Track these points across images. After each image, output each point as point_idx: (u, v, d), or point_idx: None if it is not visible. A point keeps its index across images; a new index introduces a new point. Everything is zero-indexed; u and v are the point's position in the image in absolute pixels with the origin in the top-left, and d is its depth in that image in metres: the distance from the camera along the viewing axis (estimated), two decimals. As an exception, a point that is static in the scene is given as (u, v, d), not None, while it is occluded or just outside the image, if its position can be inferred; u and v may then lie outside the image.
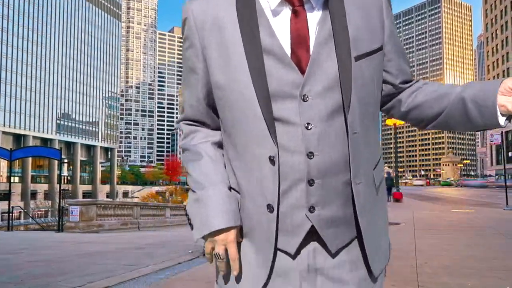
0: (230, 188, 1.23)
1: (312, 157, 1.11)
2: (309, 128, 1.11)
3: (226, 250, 1.19)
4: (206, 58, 1.20)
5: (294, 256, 1.17)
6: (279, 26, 1.15)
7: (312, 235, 1.16)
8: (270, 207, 1.14)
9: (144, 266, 6.41)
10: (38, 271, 6.25)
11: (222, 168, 1.25)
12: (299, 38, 1.14)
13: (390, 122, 30.12)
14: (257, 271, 1.19)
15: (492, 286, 4.67)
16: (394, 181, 28.58)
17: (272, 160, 1.12)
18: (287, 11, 1.16)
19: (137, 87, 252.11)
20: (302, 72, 1.12)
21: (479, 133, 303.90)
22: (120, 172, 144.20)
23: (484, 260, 6.19)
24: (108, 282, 5.33)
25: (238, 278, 1.21)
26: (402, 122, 22.21)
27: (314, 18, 1.16)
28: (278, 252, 1.17)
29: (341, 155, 1.13)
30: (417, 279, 4.99)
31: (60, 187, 18.64)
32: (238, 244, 1.21)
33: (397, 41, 1.31)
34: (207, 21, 1.20)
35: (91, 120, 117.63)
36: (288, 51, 1.13)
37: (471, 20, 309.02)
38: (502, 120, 1.20)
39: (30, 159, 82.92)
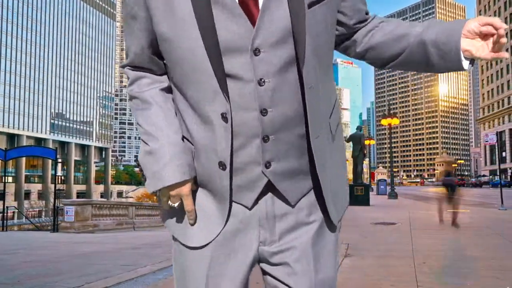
0: (183, 138, 1.19)
1: (265, 113, 1.07)
2: (261, 84, 1.05)
3: (181, 200, 1.17)
4: (149, 8, 1.12)
5: (251, 208, 1.15)
6: None
7: (269, 187, 1.14)
8: (222, 165, 1.11)
9: (141, 266, 6.37)
10: (35, 272, 6.20)
11: (173, 116, 1.20)
12: None
13: (385, 122, 30.17)
14: (213, 219, 1.17)
15: (491, 286, 4.68)
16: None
17: (224, 117, 1.08)
18: None
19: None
20: (253, 23, 1.05)
21: (473, 133, 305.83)
22: (114, 172, 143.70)
23: (481, 260, 6.21)
24: (105, 283, 5.29)
25: (194, 225, 1.20)
26: (397, 122, 22.13)
27: None
28: (234, 203, 1.16)
29: (295, 110, 1.10)
30: (416, 279, 4.99)
31: (55, 187, 18.55)
32: (193, 192, 1.19)
33: None
34: None
35: (85, 120, 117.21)
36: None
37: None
38: (466, 64, 1.16)
39: (24, 158, 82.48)
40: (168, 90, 1.24)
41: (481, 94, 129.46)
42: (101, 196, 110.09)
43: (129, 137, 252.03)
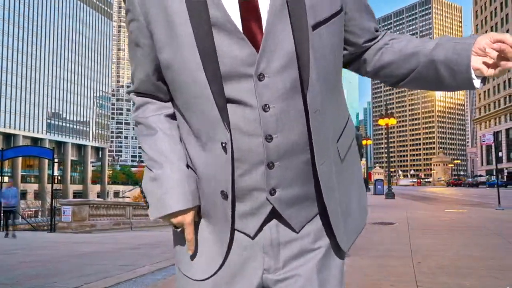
0: (188, 166, 1.16)
1: (270, 140, 1.04)
2: (266, 110, 1.02)
3: (182, 229, 1.15)
4: (152, 34, 1.10)
5: (254, 236, 1.13)
6: None
7: (274, 214, 1.12)
8: (223, 194, 1.09)
9: (140, 266, 6.38)
10: (34, 272, 6.19)
11: (178, 144, 1.18)
12: (249, 8, 1.03)
13: (382, 122, 30.23)
14: (215, 249, 1.15)
15: (491, 286, 4.70)
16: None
17: (224, 147, 1.05)
18: None
19: (128, 87, 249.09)
20: (256, 47, 1.02)
21: (469, 133, 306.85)
22: (111, 172, 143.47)
23: (480, 259, 6.22)
24: (105, 283, 5.29)
25: (193, 255, 1.17)
26: (394, 122, 22.23)
27: None
28: (237, 232, 1.14)
29: (301, 135, 1.07)
30: (415, 279, 5.00)
31: (52, 187, 18.53)
32: (196, 223, 1.17)
33: None
34: None
35: (82, 120, 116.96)
36: (238, 24, 1.02)
37: (461, 21, 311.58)
38: (477, 82, 1.14)
39: (20, 158, 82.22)
40: (173, 116, 1.22)
41: (478, 94, 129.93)
42: (98, 196, 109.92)
43: (125, 137, 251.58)
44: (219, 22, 1.02)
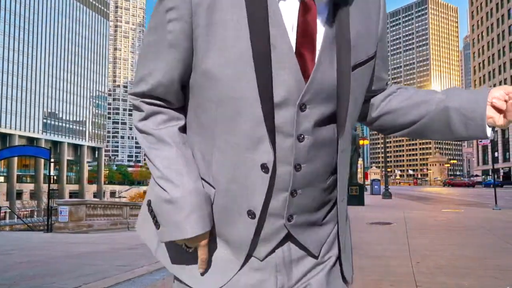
0: (203, 181, 1.12)
1: (299, 169, 1.05)
2: (301, 140, 1.03)
3: (195, 249, 1.11)
4: (196, 39, 1.02)
5: (263, 259, 1.12)
6: (286, 18, 1.00)
7: (287, 237, 1.12)
8: (251, 213, 1.06)
9: (138, 266, 6.34)
10: (31, 272, 6.15)
11: (193, 161, 1.12)
12: (306, 36, 1.00)
13: (379, 122, 30.28)
14: (227, 264, 1.12)
15: (489, 286, 4.70)
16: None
17: (265, 168, 1.03)
18: (294, 1, 1.01)
19: (125, 86, 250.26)
20: (304, 76, 1.00)
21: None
22: (107, 172, 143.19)
23: (478, 259, 6.24)
24: (103, 283, 5.27)
25: (205, 270, 1.13)
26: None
27: (322, 15, 1.03)
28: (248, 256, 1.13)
29: (326, 168, 1.10)
30: (415, 279, 5.01)
31: (49, 187, 18.43)
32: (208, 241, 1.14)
33: (384, 47, 1.22)
34: (209, 4, 1.00)
35: (78, 120, 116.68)
36: (294, 48, 1.00)
37: (457, 22, 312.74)
38: (489, 131, 1.15)
39: (15, 158, 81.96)
40: (184, 129, 1.16)
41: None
42: (94, 196, 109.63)
43: (122, 137, 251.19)
44: (276, 42, 0.99)
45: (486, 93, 1.14)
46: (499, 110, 1.14)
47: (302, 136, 1.03)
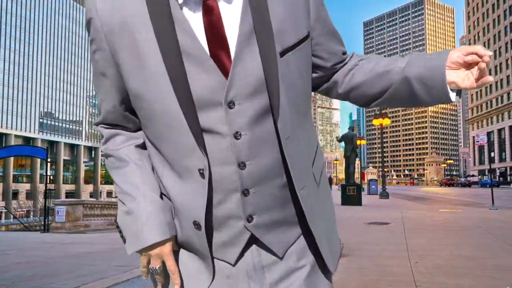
0: (162, 195, 1.15)
1: (244, 167, 1.03)
2: (238, 137, 1.02)
3: (163, 262, 1.13)
4: (118, 64, 1.07)
5: (235, 263, 1.12)
6: (192, 23, 1.02)
7: (254, 239, 1.11)
8: (196, 224, 1.07)
9: (136, 267, 6.32)
10: (30, 273, 6.13)
11: (151, 174, 1.16)
12: (216, 36, 1.02)
13: (376, 122, 30.34)
14: (199, 277, 1.13)
15: (488, 286, 4.72)
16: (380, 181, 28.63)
17: (201, 174, 1.04)
18: (198, 6, 1.03)
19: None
20: (225, 75, 1.01)
21: (462, 133, 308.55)
22: (104, 172, 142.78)
23: (476, 259, 6.26)
24: (102, 284, 5.26)
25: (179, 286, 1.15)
26: (388, 122, 22.25)
27: (233, 12, 1.03)
28: (217, 260, 1.13)
29: (275, 161, 1.06)
30: (413, 279, 5.02)
31: (46, 186, 18.38)
32: (175, 253, 1.15)
33: (326, 24, 1.20)
34: (115, 22, 1.05)
35: (74, 119, 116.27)
36: (207, 51, 1.02)
37: (453, 22, 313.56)
38: (453, 96, 1.14)
39: (12, 158, 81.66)
40: (143, 146, 1.20)
41: (470, 95, 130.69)
42: (91, 196, 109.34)
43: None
44: (188, 49, 1.01)
45: (445, 57, 1.13)
46: (465, 68, 1.12)
47: (239, 133, 1.02)
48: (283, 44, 1.04)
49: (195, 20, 1.02)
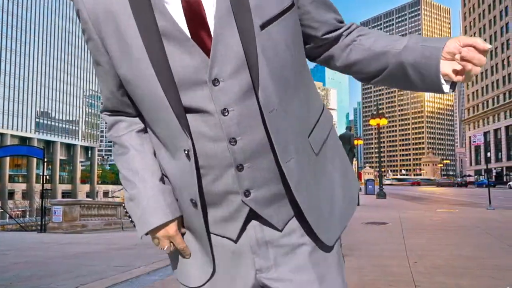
0: (163, 178, 1.19)
1: (235, 143, 1.04)
2: (225, 114, 1.03)
3: (171, 242, 1.18)
4: (108, 51, 1.11)
5: (236, 239, 1.14)
6: (170, 5, 1.03)
7: (254, 214, 1.12)
8: (193, 202, 1.11)
9: (135, 267, 6.31)
10: (27, 273, 6.10)
11: (150, 158, 1.19)
12: (194, 15, 1.03)
13: (373, 122, 30.36)
14: (202, 256, 1.17)
15: (488, 286, 4.72)
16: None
17: (187, 155, 1.06)
18: None
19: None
20: (207, 53, 1.02)
21: (458, 134, 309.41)
22: (100, 172, 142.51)
23: (474, 259, 6.26)
24: (101, 284, 5.23)
25: (189, 266, 1.20)
26: (385, 122, 22.19)
27: None
28: (219, 237, 1.15)
29: (264, 135, 1.07)
30: (413, 279, 5.02)
31: (42, 186, 18.31)
32: (182, 233, 1.20)
33: None
34: (99, 11, 1.08)
35: (71, 119, 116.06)
36: (187, 31, 1.03)
37: (449, 23, 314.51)
38: (446, 88, 1.12)
39: (8, 158, 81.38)
40: (145, 130, 1.23)
41: (466, 95, 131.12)
42: (87, 196, 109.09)
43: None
44: (168, 31, 1.03)
45: (441, 47, 1.10)
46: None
47: (226, 109, 1.03)
48: (262, 17, 1.04)
49: (174, 2, 1.03)
